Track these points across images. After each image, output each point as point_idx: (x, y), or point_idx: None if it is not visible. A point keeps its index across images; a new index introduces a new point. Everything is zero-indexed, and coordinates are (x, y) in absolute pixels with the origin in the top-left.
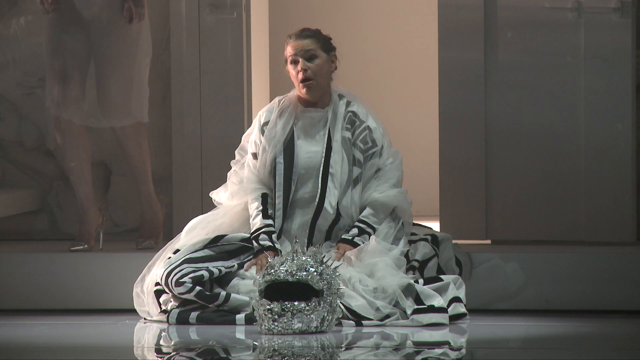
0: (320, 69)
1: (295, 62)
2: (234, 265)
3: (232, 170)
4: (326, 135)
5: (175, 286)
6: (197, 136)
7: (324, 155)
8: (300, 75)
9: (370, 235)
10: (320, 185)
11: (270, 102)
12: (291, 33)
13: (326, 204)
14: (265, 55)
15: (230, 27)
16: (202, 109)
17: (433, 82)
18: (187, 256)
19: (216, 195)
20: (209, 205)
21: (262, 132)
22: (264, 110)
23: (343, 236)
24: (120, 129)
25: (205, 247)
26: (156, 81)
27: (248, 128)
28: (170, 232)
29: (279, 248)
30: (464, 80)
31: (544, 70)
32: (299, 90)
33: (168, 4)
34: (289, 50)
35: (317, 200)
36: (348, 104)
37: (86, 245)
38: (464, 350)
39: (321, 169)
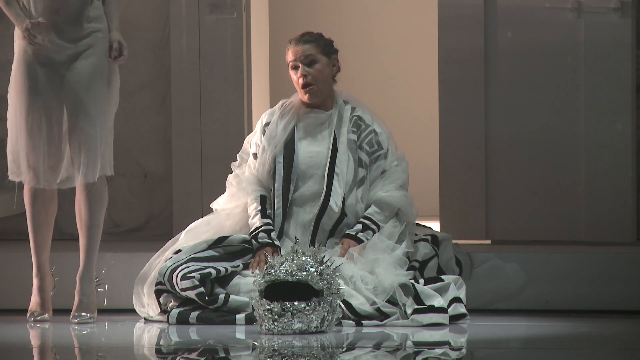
0: (320, 74)
1: (295, 68)
2: (239, 265)
3: (232, 174)
4: (331, 137)
5: (181, 280)
6: (197, 136)
7: (329, 156)
8: (301, 81)
9: (374, 232)
10: (325, 184)
11: (270, 102)
12: (292, 38)
13: (331, 203)
14: (265, 55)
15: (230, 27)
16: (202, 109)
17: (433, 82)
18: (192, 256)
19: (217, 204)
20: (209, 205)
21: (264, 132)
22: (266, 113)
23: (347, 231)
24: (88, 185)
25: (209, 247)
26: (156, 81)
27: (248, 128)
28: (170, 232)
29: (278, 245)
30: (464, 81)
31: (544, 70)
32: (301, 95)
33: (168, 4)
34: (289, 56)
35: (322, 199)
36: (353, 109)
37: (47, 315)
38: (464, 350)
39: (327, 169)
